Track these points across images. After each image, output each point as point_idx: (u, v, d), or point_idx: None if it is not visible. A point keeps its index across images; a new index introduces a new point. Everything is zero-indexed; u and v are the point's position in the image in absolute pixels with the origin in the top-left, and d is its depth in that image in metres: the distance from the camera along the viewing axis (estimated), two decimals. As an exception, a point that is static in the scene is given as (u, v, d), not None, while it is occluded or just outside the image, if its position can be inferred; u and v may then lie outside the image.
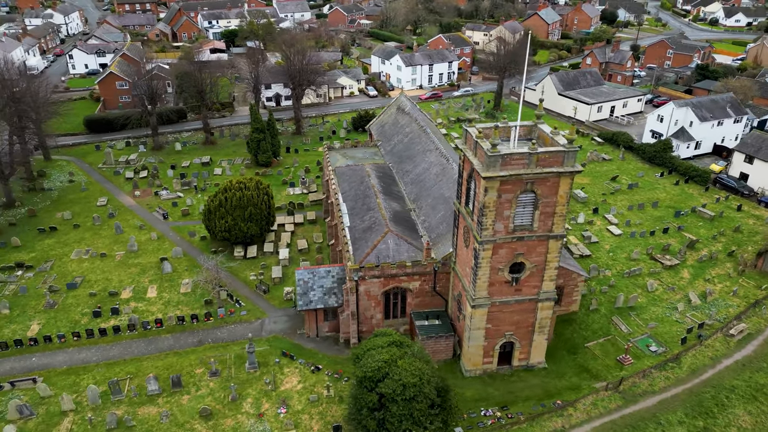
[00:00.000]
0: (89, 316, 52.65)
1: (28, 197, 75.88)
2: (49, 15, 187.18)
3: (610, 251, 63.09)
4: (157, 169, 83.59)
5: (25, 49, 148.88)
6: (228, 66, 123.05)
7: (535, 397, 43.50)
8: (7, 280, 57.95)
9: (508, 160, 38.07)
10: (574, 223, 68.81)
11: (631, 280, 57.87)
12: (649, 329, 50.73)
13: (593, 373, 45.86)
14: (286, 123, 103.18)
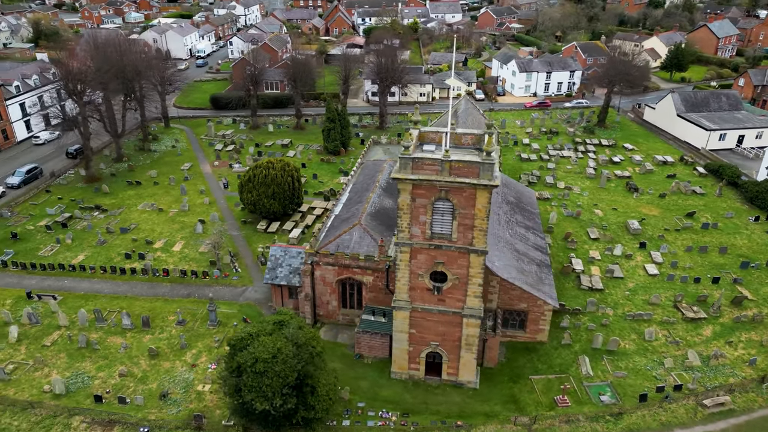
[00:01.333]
0: (122, 257, 62.42)
1: (135, 155, 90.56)
2: (232, 6, 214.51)
3: (630, 290, 56.49)
4: (242, 145, 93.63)
5: (200, 34, 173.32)
6: (356, 60, 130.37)
7: (444, 413, 42.06)
8: (83, 217, 70.79)
9: (419, 164, 37.54)
10: (609, 254, 62.50)
11: (631, 324, 51.55)
12: (614, 377, 45.24)
13: (520, 405, 42.67)
14: (372, 117, 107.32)
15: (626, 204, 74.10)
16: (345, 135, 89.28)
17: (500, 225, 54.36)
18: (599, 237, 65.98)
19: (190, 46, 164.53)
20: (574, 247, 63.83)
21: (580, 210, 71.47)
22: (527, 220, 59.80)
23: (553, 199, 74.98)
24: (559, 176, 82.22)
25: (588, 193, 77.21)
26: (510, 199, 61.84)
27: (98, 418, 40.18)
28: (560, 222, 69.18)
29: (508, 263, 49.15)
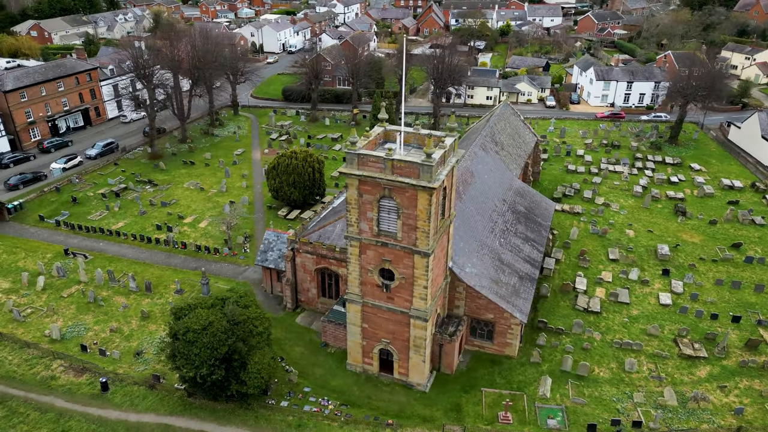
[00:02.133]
0: (154, 227, 68.58)
1: (199, 138, 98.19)
2: (332, 5, 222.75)
3: (631, 318, 52.59)
4: (295, 136, 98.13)
5: (295, 30, 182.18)
6: (425, 61, 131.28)
7: (383, 409, 42.28)
8: (135, 189, 78.45)
9: (364, 160, 38.09)
10: (623, 277, 58.41)
11: (616, 352, 48.11)
12: (571, 402, 42.69)
13: (462, 415, 41.69)
14: (429, 118, 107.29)
15: (666, 227, 68.40)
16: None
17: (492, 233, 52.98)
18: (619, 258, 61.74)
19: (283, 41, 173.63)
20: (585, 265, 60.37)
21: (608, 228, 67.14)
22: (530, 231, 57.54)
23: (585, 215, 71.02)
24: (601, 191, 77.51)
25: (627, 211, 72.17)
26: (519, 208, 59.81)
27: (74, 365, 45.21)
28: (582, 239, 65.55)
29: (483, 272, 47.94)
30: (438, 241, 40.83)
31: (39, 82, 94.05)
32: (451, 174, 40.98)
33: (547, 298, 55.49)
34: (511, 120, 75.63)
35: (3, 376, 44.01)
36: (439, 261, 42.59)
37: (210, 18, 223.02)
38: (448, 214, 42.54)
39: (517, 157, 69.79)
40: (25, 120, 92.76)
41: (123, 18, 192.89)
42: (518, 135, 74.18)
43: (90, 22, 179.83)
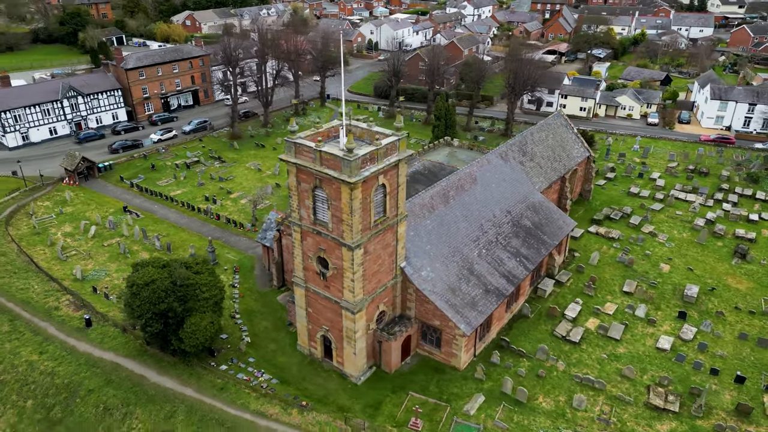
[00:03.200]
0: (202, 198, 76.26)
1: (279, 124, 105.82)
2: (462, 6, 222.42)
3: (611, 355, 47.98)
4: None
5: (415, 30, 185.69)
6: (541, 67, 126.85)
7: (308, 391, 43.93)
8: (204, 164, 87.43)
9: (300, 149, 39.93)
10: (629, 312, 53.17)
11: (572, 385, 44.44)
12: (492, 425, 40.55)
13: (378, 413, 41.80)
14: (498, 122, 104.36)
15: (713, 268, 60.34)
16: (449, 133, 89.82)
17: (474, 242, 51.44)
18: (634, 292, 56.09)
19: (399, 40, 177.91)
20: (590, 293, 55.83)
21: (634, 259, 60.97)
22: (526, 247, 54.65)
23: (621, 242, 65.07)
24: (655, 220, 70.09)
25: (674, 244, 64.71)
26: (524, 223, 56.98)
27: (77, 302, 52.96)
28: (603, 265, 60.42)
29: (443, 278, 47.04)
30: (375, 238, 41.37)
31: (156, 63, 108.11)
32: (393, 173, 41.18)
33: (528, 319, 52.57)
34: (559, 132, 71.43)
35: (22, 300, 53.14)
36: (378, 258, 42.95)
37: (346, 15, 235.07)
38: (393, 213, 42.73)
39: (549, 170, 65.99)
40: (141, 95, 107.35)
41: (266, 12, 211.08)
42: (562, 148, 69.90)
43: (236, 15, 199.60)
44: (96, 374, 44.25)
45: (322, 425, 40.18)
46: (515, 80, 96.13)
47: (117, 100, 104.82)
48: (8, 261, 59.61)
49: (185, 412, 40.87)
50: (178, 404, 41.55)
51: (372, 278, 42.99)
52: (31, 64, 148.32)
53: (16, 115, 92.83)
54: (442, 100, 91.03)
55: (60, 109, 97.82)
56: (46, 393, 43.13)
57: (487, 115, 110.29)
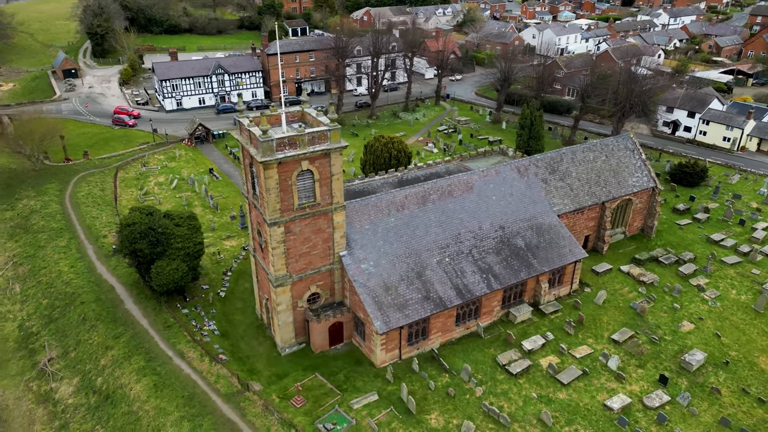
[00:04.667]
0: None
1: (385, 117, 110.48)
2: (656, 14, 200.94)
3: (542, 397, 43.56)
4: (459, 132, 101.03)
5: (584, 37, 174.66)
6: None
7: (236, 350, 48.50)
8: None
9: (243, 128, 44.07)
10: (601, 362, 47.18)
11: (475, 413, 41.75)
12: (366, 423, 40.45)
13: (277, 383, 44.54)
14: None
15: (749, 341, 49.77)
16: (533, 144, 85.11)
17: (441, 249, 50.35)
18: (623, 342, 49.25)
19: (561, 46, 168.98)
20: (570, 331, 50.50)
21: (647, 308, 52.85)
22: (503, 267, 51.48)
23: (653, 288, 56.69)
24: (718, 274, 59.10)
25: (719, 305, 54.40)
26: (516, 242, 53.53)
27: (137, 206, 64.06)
28: (609, 308, 53.80)
29: (382, 274, 47.34)
30: (302, 220, 44.02)
31: (295, 51, 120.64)
32: (324, 162, 43.16)
33: (480, 339, 49.88)
34: (616, 155, 64.01)
35: (87, 225, 66.58)
36: (308, 241, 45.34)
37: (527, 18, 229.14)
38: (327, 201, 44.73)
39: (583, 194, 60.02)
40: (277, 78, 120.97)
41: (441, 11, 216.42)
42: (613, 173, 62.66)
43: (411, 13, 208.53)
44: (93, 291, 54.50)
45: (218, 377, 44.48)
46: (627, 96, 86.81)
47: (257, 80, 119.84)
48: (101, 195, 74.52)
49: (128, 336, 48.58)
50: (128, 329, 49.48)
51: (300, 258, 45.63)
52: (224, 45, 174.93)
53: (174, 84, 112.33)
54: (531, 109, 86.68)
55: (209, 84, 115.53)
56: (57, 296, 54.59)
57: (602, 132, 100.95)
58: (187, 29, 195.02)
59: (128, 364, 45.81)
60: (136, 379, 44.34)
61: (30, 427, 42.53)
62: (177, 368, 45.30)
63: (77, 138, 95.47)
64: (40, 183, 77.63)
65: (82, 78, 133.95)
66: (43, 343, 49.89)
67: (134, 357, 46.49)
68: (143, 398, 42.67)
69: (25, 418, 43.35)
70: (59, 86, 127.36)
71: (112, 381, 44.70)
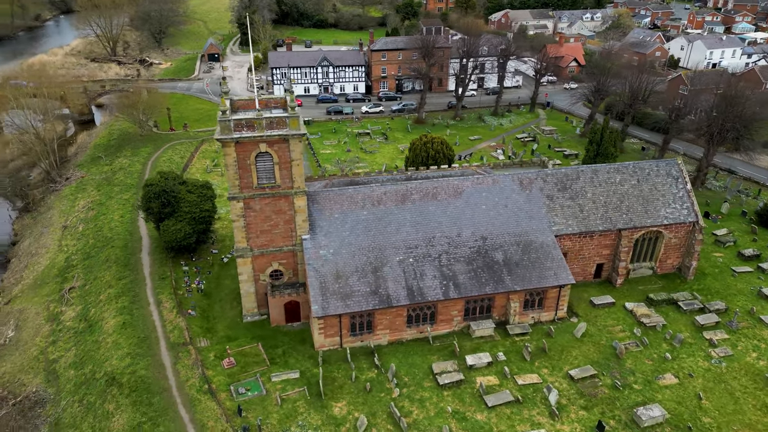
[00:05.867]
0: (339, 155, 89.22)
1: (469, 119, 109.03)
2: None
3: (458, 414, 41.92)
4: (537, 141, 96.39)
5: (746, 52, 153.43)
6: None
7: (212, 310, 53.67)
8: (371, 136, 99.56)
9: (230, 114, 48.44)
10: (542, 394, 43.85)
11: (381, 410, 41.74)
12: (275, 396, 42.64)
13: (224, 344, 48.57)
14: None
15: (736, 410, 42.36)
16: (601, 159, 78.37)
17: (408, 249, 50.37)
18: (579, 380, 44.96)
19: (712, 60, 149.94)
20: (527, 357, 47.36)
21: (625, 349, 47.07)
22: (469, 278, 49.77)
23: (652, 333, 50.37)
24: (745, 332, 50.46)
25: (725, 364, 46.66)
26: (495, 256, 51.25)
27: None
28: (586, 342, 49.16)
29: (338, 262, 48.84)
30: (262, 199, 47.48)
31: (399, 48, 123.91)
32: (283, 146, 46.01)
33: (429, 345, 48.98)
34: (652, 180, 57.20)
35: (149, 185, 76.73)
36: (269, 219, 48.60)
37: (693, 28, 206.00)
38: (287, 184, 47.56)
39: (595, 217, 54.95)
40: (379, 74, 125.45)
41: (590, 17, 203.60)
42: (641, 199, 56.20)
43: (553, 17, 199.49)
44: (125, 239, 63.70)
45: (175, 328, 49.83)
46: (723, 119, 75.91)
47: (360, 74, 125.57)
48: (177, 162, 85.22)
49: (129, 280, 56.33)
50: (131, 274, 57.28)
51: (261, 235, 49.08)
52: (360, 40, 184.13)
53: (283, 72, 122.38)
54: (606, 122, 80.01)
55: (314, 74, 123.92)
56: (100, 239, 64.69)
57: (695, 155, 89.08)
58: (332, 24, 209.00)
59: (115, 303, 53.41)
60: (114, 315, 51.66)
61: (33, 338, 51.90)
62: (148, 313, 51.73)
63: (190, 112, 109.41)
64: (139, 146, 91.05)
65: (222, 62, 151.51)
66: (75, 274, 59.80)
67: (122, 297, 53.99)
68: (109, 332, 49.74)
69: (33, 330, 52.93)
70: (201, 68, 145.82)
71: (99, 314, 52.54)
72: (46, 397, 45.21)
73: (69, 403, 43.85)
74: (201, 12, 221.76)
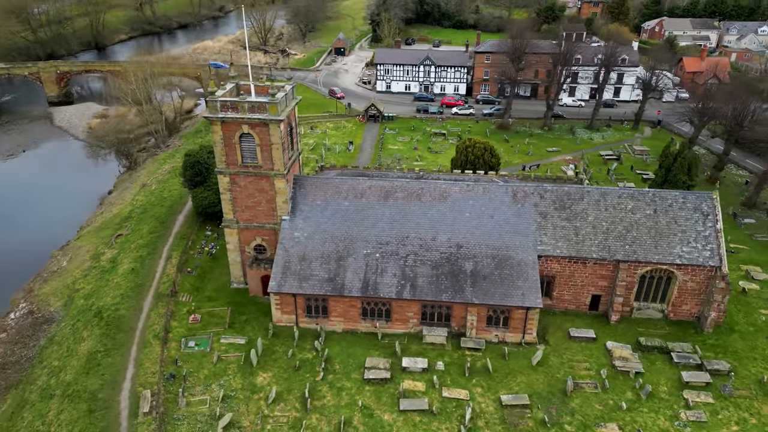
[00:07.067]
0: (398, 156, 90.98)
1: (560, 130, 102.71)
2: None
3: (364, 406, 42.20)
4: (620, 159, 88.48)
5: None
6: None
7: (211, 272, 59.34)
8: (447, 137, 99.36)
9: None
10: (453, 409, 42.29)
11: (298, 387, 43.62)
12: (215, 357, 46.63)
13: (203, 303, 53.90)
14: None
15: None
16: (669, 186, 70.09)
17: (380, 244, 51.03)
18: (509, 407, 42.25)
19: None
20: (466, 373, 45.53)
21: (571, 387, 42.69)
22: (429, 283, 49.05)
23: (619, 382, 45.09)
24: (740, 402, 42.82)
25: (689, 430, 40.41)
26: (464, 266, 49.70)
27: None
28: (536, 374, 45.72)
29: (307, 245, 51.14)
30: (245, 177, 51.55)
31: (502, 51, 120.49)
32: (264, 130, 49.41)
33: (377, 341, 49.31)
34: (673, 213, 50.42)
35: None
36: (252, 197, 52.50)
37: None
38: (268, 165, 51.02)
39: (591, 243, 50.20)
40: (481, 76, 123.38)
41: (766, 30, 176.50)
42: (652, 233, 49.97)
43: (718, 28, 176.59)
44: (173, 201, 72.51)
45: (167, 281, 56.23)
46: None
47: (462, 75, 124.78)
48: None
49: (157, 236, 64.49)
50: (162, 231, 65.37)
51: (246, 210, 53.25)
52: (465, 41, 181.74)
53: (387, 69, 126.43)
54: (683, 146, 71.16)
55: (416, 72, 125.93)
56: (158, 198, 74.36)
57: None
58: (472, 25, 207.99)
59: (137, 252, 61.73)
60: (129, 262, 59.89)
61: (74, 270, 62.08)
62: (155, 265, 59.07)
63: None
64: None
65: (346, 57, 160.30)
66: (127, 224, 69.87)
67: (144, 248, 62.17)
68: (119, 274, 57.92)
69: (78, 264, 63.29)
70: (323, 60, 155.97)
71: (122, 259, 61.20)
72: (57, 317, 54.50)
73: (65, 326, 52.49)
74: (351, 9, 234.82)
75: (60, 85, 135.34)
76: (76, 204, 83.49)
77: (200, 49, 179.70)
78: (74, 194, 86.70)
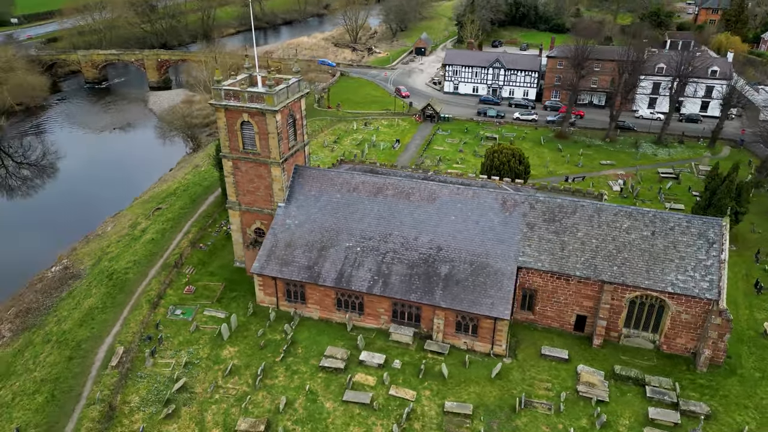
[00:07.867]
0: (438, 157, 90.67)
1: (622, 143, 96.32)
2: None
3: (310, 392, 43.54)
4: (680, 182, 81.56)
5: None
6: None
7: (223, 249, 63.30)
8: (496, 141, 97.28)
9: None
10: (394, 407, 42.30)
11: (253, 363, 45.89)
12: (193, 330, 50.19)
13: (204, 276, 57.88)
14: None
15: None
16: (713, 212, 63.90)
17: (364, 238, 51.96)
18: (451, 414, 41.54)
19: None
20: (420, 375, 45.28)
21: (518, 404, 40.81)
22: (401, 282, 49.22)
23: (576, 406, 42.46)
24: None
25: (635, 469, 37.42)
26: (440, 269, 49.29)
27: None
28: (491, 386, 44.33)
29: (296, 232, 53.29)
30: (246, 162, 54.67)
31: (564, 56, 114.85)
32: (261, 120, 52.06)
33: (345, 332, 50.25)
34: (674, 237, 46.24)
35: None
36: (252, 182, 55.49)
37: None
38: (266, 153, 53.68)
39: (577, 261, 47.50)
40: (552, 82, 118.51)
41: None
42: (645, 255, 46.27)
43: None
44: (209, 182, 77.66)
45: (178, 254, 60.85)
46: None
47: (532, 80, 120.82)
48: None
49: (186, 212, 70.03)
50: (191, 209, 70.70)
51: (247, 194, 56.38)
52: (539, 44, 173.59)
53: (455, 70, 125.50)
54: (733, 169, 64.51)
55: (485, 75, 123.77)
56: (198, 180, 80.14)
57: None
58: (569, 29, 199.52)
59: (161, 224, 67.33)
60: (152, 233, 65.56)
61: (112, 235, 68.93)
62: (172, 238, 64.22)
63: (360, 95, 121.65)
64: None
65: (426, 57, 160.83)
66: (168, 200, 76.26)
67: (169, 222, 67.68)
68: (139, 242, 63.73)
69: (117, 230, 70.11)
70: (401, 59, 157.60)
71: (148, 229, 67.10)
72: (82, 274, 61.18)
73: (84, 282, 58.84)
74: (448, 9, 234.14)
75: (160, 72, 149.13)
76: (142, 178, 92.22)
77: (294, 44, 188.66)
78: (141, 170, 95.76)
